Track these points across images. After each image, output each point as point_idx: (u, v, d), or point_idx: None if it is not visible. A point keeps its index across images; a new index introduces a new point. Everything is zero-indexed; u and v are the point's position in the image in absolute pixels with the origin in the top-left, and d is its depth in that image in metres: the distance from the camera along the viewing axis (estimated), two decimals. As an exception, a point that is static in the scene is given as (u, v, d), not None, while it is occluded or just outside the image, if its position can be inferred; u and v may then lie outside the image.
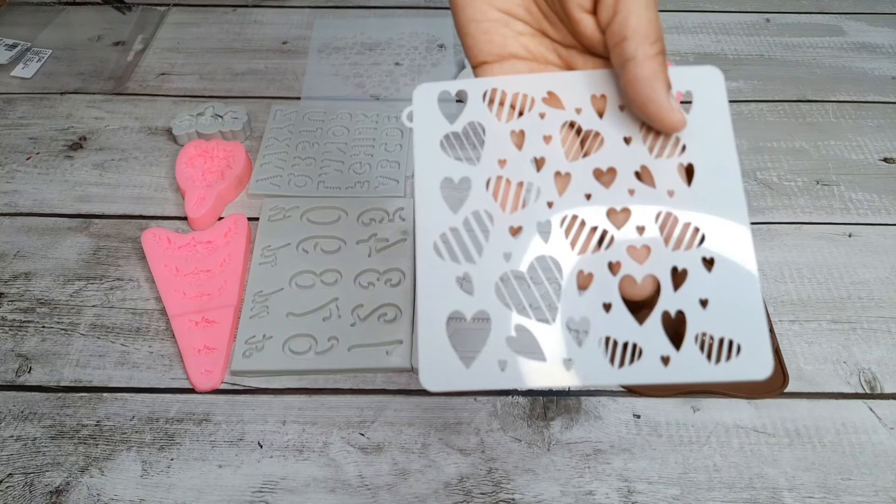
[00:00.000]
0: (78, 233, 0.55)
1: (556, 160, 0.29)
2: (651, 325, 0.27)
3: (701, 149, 0.28)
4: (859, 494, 0.41)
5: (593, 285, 0.27)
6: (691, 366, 0.26)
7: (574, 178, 0.29)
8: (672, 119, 0.27)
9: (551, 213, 0.28)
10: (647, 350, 0.26)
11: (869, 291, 0.51)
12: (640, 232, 0.27)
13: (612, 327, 0.27)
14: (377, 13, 0.77)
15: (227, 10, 0.77)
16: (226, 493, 0.41)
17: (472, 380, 0.27)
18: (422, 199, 0.29)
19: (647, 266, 0.27)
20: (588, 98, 0.29)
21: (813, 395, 0.46)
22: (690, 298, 0.26)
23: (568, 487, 0.42)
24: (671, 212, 0.27)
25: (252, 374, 0.47)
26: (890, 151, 0.62)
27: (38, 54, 0.71)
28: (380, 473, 0.42)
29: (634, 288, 0.27)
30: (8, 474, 0.42)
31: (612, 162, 0.28)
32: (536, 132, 0.29)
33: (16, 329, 0.49)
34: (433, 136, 0.30)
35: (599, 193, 0.28)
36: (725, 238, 0.27)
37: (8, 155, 0.61)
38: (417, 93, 0.31)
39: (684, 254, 0.27)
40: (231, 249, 0.52)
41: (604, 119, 0.29)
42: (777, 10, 0.77)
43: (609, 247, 0.28)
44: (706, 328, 0.26)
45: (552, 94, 0.30)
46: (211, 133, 0.60)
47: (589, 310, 0.27)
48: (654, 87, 0.26)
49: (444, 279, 0.28)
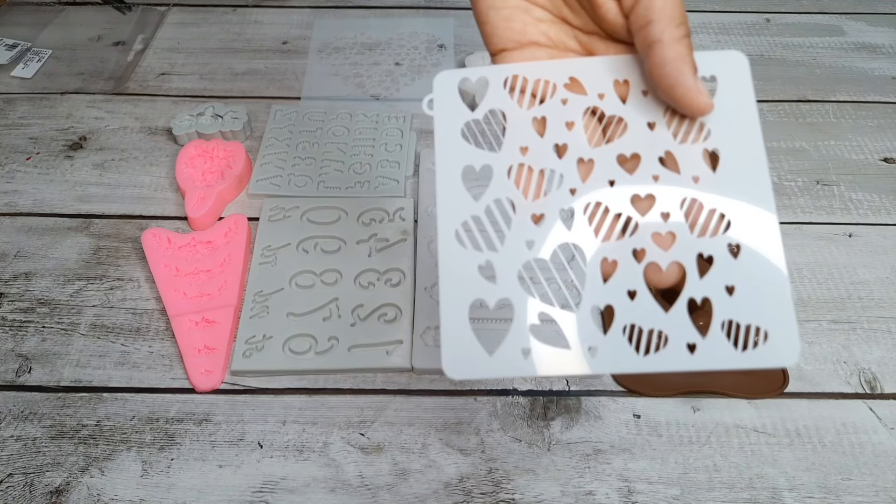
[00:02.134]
0: (78, 233, 0.55)
1: (578, 146, 0.29)
2: (677, 313, 0.26)
3: (726, 134, 0.28)
4: (859, 494, 0.41)
5: (618, 272, 0.27)
6: (718, 353, 0.26)
7: (597, 165, 0.28)
8: (700, 102, 0.26)
9: (574, 200, 0.28)
10: (672, 337, 0.26)
11: (869, 291, 0.51)
12: (665, 218, 0.27)
13: (637, 315, 0.26)
14: (377, 13, 0.77)
15: (227, 10, 0.77)
16: (226, 493, 0.41)
17: (495, 368, 0.27)
18: (443, 187, 0.29)
19: (673, 253, 0.27)
20: (611, 83, 0.29)
21: (813, 395, 0.46)
22: (717, 285, 0.26)
23: (568, 487, 0.42)
24: (696, 198, 0.27)
25: (252, 374, 0.47)
26: (890, 151, 0.62)
27: (38, 54, 0.71)
28: (380, 473, 0.42)
29: (660, 275, 0.27)
30: (8, 474, 0.42)
31: (636, 148, 0.28)
32: (558, 118, 0.29)
33: (16, 329, 0.49)
34: (454, 124, 0.30)
35: (623, 180, 0.28)
36: (751, 224, 0.27)
37: (8, 155, 0.61)
38: (438, 80, 0.30)
39: (710, 240, 0.27)
40: (231, 249, 0.52)
41: (627, 104, 0.29)
42: (777, 10, 0.77)
43: (633, 233, 0.27)
44: (733, 315, 0.26)
45: (574, 80, 0.29)
46: (211, 133, 0.60)
47: (613, 297, 0.27)
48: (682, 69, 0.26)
49: (465, 267, 0.28)
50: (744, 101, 0.28)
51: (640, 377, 0.46)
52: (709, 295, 0.26)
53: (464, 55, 0.71)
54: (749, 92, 0.28)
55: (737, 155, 0.28)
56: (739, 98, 0.28)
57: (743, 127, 0.28)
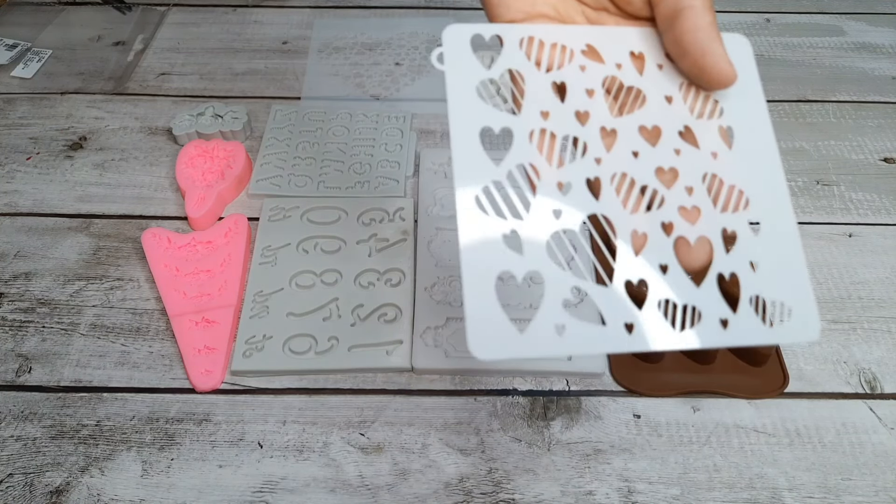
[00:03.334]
0: (78, 233, 0.55)
1: (600, 115, 0.28)
2: (707, 288, 0.26)
3: (737, 112, 0.28)
4: (859, 494, 0.41)
5: (648, 246, 0.26)
6: (749, 328, 0.25)
7: (620, 135, 0.27)
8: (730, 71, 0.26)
9: (600, 170, 0.27)
10: (706, 313, 0.25)
11: (869, 291, 0.51)
12: (689, 193, 0.27)
13: (671, 289, 0.25)
14: (377, 13, 0.77)
15: (227, 10, 0.77)
16: (226, 493, 0.41)
17: (526, 346, 0.24)
18: (459, 148, 0.26)
19: (699, 227, 0.26)
20: (627, 54, 0.28)
21: (813, 395, 0.46)
22: (742, 261, 0.26)
23: (568, 487, 0.42)
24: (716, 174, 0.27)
25: (252, 374, 0.47)
26: (890, 151, 0.62)
27: (38, 54, 0.71)
28: (380, 473, 0.42)
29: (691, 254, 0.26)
30: (8, 474, 0.42)
31: (657, 120, 0.28)
32: (579, 85, 0.28)
33: (16, 329, 0.49)
34: (469, 81, 0.27)
35: (646, 152, 0.27)
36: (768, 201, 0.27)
37: (8, 155, 0.61)
38: (447, 33, 0.28)
39: (732, 216, 0.27)
40: (231, 249, 0.52)
41: (644, 76, 0.28)
42: (777, 10, 0.77)
43: (661, 207, 0.27)
44: (759, 291, 0.26)
45: (591, 48, 0.29)
46: (211, 133, 0.60)
47: (646, 272, 0.26)
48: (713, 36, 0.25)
49: (489, 236, 0.25)
50: (750, 81, 0.28)
51: (640, 377, 0.46)
52: (735, 270, 0.26)
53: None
54: (754, 73, 0.28)
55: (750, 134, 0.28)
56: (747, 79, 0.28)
57: (751, 106, 0.28)
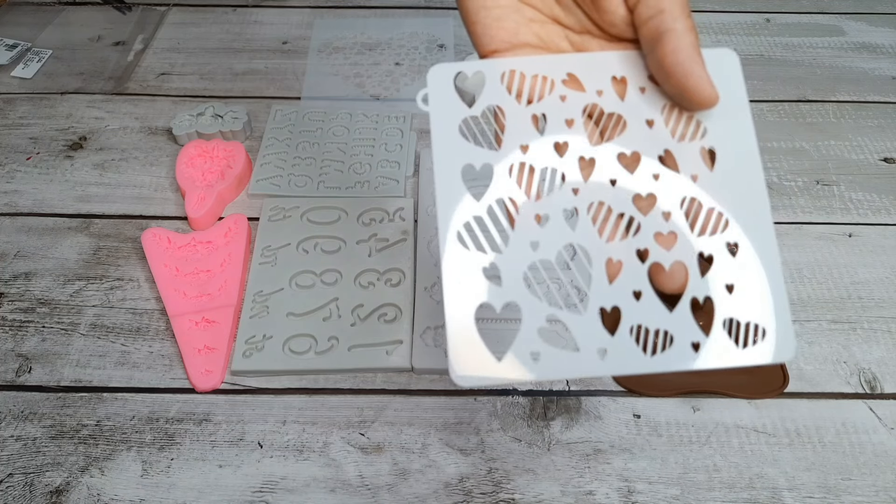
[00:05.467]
0: (78, 233, 0.55)
1: (578, 145, 0.28)
2: (681, 312, 0.26)
3: (721, 132, 0.28)
4: (859, 494, 0.41)
5: (623, 273, 0.27)
6: (721, 351, 0.26)
7: (598, 164, 0.28)
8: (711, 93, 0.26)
9: (577, 200, 0.28)
10: (677, 337, 0.26)
11: (869, 291, 0.51)
12: (667, 218, 0.27)
13: (643, 315, 0.26)
14: (377, 13, 0.77)
15: (227, 10, 0.77)
16: (226, 493, 0.41)
17: (505, 373, 0.26)
18: (443, 187, 0.28)
19: (675, 252, 0.27)
20: (609, 80, 0.29)
21: (813, 395, 0.46)
22: (717, 284, 0.26)
23: (568, 487, 0.42)
24: (695, 197, 0.27)
25: (252, 374, 0.47)
26: (890, 151, 0.62)
27: (38, 54, 0.71)
28: (380, 473, 0.42)
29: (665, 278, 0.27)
30: (8, 474, 0.42)
31: (636, 146, 0.28)
32: (558, 116, 0.29)
33: (16, 329, 0.49)
34: (452, 121, 0.29)
35: (624, 179, 0.28)
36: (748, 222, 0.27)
37: (8, 155, 0.61)
38: (432, 74, 0.30)
39: (710, 239, 0.27)
40: (231, 249, 0.52)
41: (625, 102, 0.28)
42: (777, 10, 0.77)
43: (637, 234, 0.27)
44: (733, 314, 0.26)
45: (572, 76, 0.29)
46: (211, 133, 0.60)
47: (619, 298, 0.27)
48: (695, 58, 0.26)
49: (470, 270, 0.27)
50: (736, 98, 0.28)
51: (640, 377, 0.46)
52: (710, 294, 0.26)
53: (464, 55, 0.71)
54: (741, 90, 0.28)
55: (733, 154, 0.28)
56: (733, 96, 0.28)
57: (737, 126, 0.28)
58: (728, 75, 0.28)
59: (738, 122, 0.28)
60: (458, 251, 0.27)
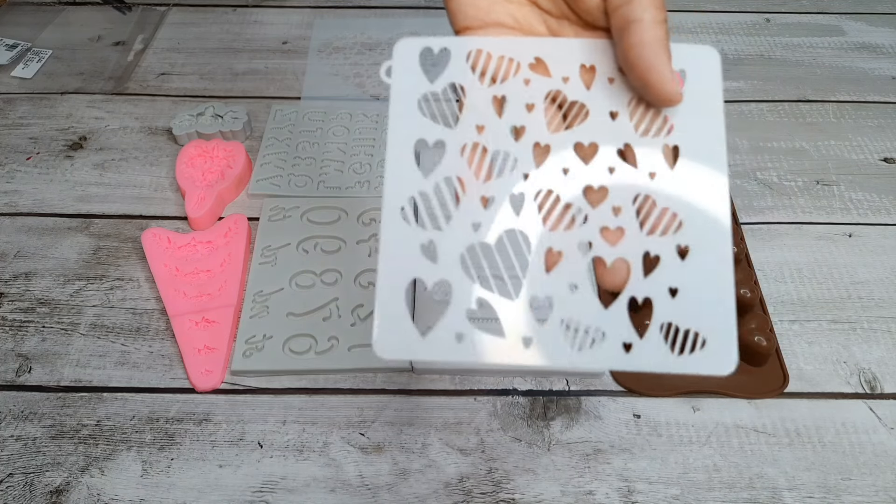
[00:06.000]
0: (78, 233, 0.55)
1: (536, 130, 0.28)
2: (616, 311, 0.26)
3: (689, 131, 0.27)
4: (859, 494, 0.41)
5: (561, 264, 0.26)
6: (653, 355, 0.25)
7: (553, 151, 0.28)
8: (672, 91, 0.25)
9: (526, 186, 0.27)
10: (609, 335, 0.26)
11: (869, 291, 0.51)
12: (616, 213, 0.27)
13: (576, 309, 0.26)
14: (377, 13, 0.77)
15: (227, 10, 0.77)
16: (226, 493, 0.41)
17: (426, 350, 0.26)
18: (392, 159, 0.28)
19: (619, 249, 0.26)
20: (577, 67, 0.28)
21: (813, 395, 0.46)
22: (660, 286, 0.26)
23: (568, 487, 0.42)
24: (650, 195, 0.27)
25: (252, 374, 0.47)
26: (890, 151, 0.62)
27: (38, 54, 0.71)
28: (380, 473, 0.42)
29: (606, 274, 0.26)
30: (8, 474, 0.42)
31: (595, 137, 0.27)
32: (519, 99, 0.28)
33: (16, 329, 0.49)
34: (411, 94, 0.28)
35: (578, 169, 0.27)
36: (703, 227, 0.26)
37: (8, 155, 0.61)
38: (398, 48, 0.29)
39: (659, 240, 0.26)
40: (231, 249, 0.52)
41: (591, 91, 0.28)
42: (777, 10, 0.77)
43: (582, 226, 0.27)
44: (673, 318, 0.25)
45: (539, 61, 0.28)
46: (211, 133, 0.60)
47: (554, 289, 0.26)
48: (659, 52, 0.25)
49: (407, 245, 0.27)
50: (710, 97, 0.27)
51: (640, 377, 0.46)
52: (651, 295, 0.26)
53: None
54: (717, 90, 0.27)
55: (697, 154, 0.27)
56: (707, 95, 0.27)
57: (707, 125, 0.27)
58: (705, 73, 0.27)
59: (708, 122, 0.27)
60: (398, 225, 0.27)
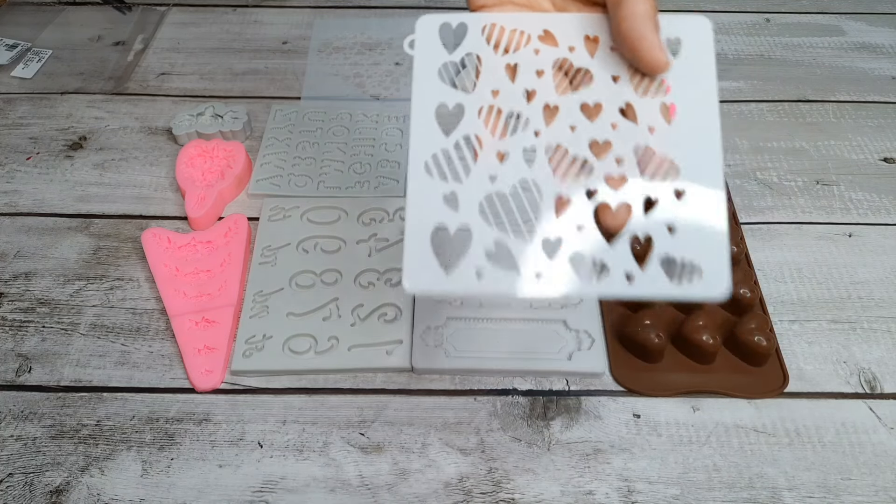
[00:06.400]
0: (78, 233, 0.55)
1: (546, 93, 0.31)
2: (619, 245, 0.29)
3: (684, 91, 0.30)
4: (859, 494, 0.41)
5: (569, 209, 0.29)
6: (653, 283, 0.28)
7: (561, 111, 0.31)
8: (659, 58, 0.28)
9: (537, 142, 0.30)
10: (613, 267, 0.28)
11: (869, 291, 0.51)
12: (619, 163, 0.29)
13: (582, 245, 0.29)
14: (377, 13, 0.77)
15: (227, 10, 0.77)
16: (226, 493, 0.41)
17: (450, 284, 0.29)
18: (417, 121, 0.31)
19: (622, 193, 0.29)
20: (581, 38, 0.31)
21: (813, 395, 0.46)
22: (658, 223, 0.29)
23: (568, 487, 0.42)
24: (650, 146, 0.29)
25: (252, 374, 0.47)
26: (890, 151, 0.62)
27: (38, 54, 0.71)
28: (380, 473, 0.42)
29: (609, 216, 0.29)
30: (8, 474, 0.42)
31: (599, 98, 0.30)
32: (530, 66, 0.31)
33: (16, 329, 0.49)
34: (433, 64, 0.31)
35: (584, 126, 0.30)
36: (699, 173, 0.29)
37: (8, 155, 0.61)
38: (420, 23, 0.32)
39: (658, 184, 0.29)
40: (231, 249, 0.52)
41: (594, 58, 0.31)
42: (777, 10, 0.77)
43: (589, 175, 0.29)
44: (670, 250, 0.28)
45: (548, 33, 0.31)
46: (211, 133, 0.60)
47: (563, 230, 0.29)
48: (647, 24, 0.28)
49: (432, 195, 0.30)
50: (703, 61, 0.30)
51: (640, 376, 0.46)
52: (650, 231, 0.29)
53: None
54: (710, 55, 0.30)
55: (692, 111, 0.30)
56: (700, 60, 0.30)
57: (700, 85, 0.30)
58: (699, 41, 0.30)
59: (701, 84, 0.30)
60: (423, 178, 0.30)
